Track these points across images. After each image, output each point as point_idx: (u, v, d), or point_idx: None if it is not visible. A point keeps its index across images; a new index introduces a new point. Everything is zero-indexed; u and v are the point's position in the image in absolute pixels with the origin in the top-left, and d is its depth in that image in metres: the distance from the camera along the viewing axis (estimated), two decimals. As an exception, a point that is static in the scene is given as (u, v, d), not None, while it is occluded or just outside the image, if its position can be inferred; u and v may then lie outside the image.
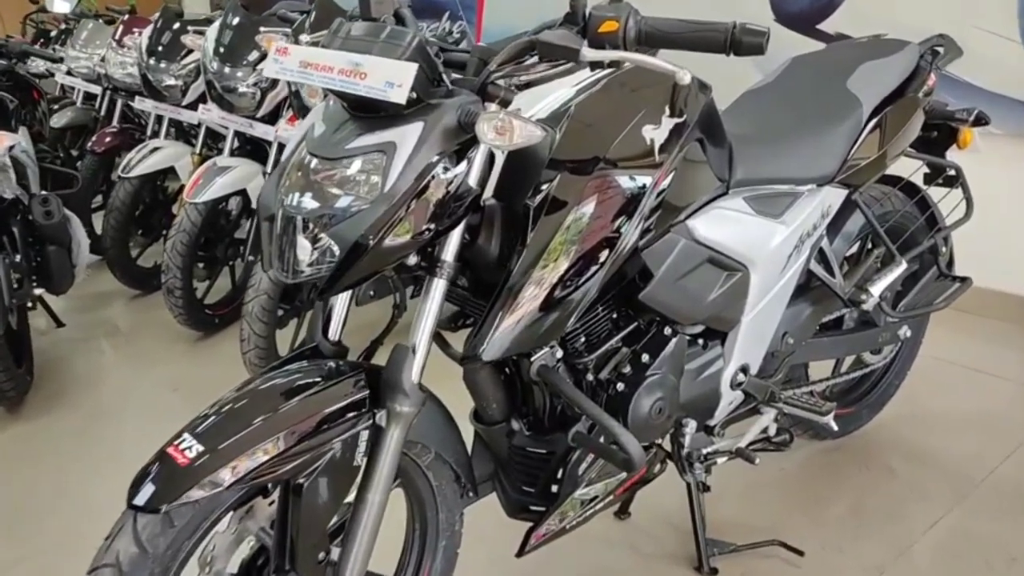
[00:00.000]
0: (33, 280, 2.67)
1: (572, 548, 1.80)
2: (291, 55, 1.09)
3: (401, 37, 1.03)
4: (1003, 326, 2.85)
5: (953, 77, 2.82)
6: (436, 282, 1.13)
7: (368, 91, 0.99)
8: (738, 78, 1.96)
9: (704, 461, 1.61)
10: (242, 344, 2.36)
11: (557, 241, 1.14)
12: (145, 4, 4.57)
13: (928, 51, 1.86)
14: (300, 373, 1.16)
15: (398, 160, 1.02)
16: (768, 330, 1.59)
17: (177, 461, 1.02)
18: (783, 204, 1.54)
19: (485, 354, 1.15)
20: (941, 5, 2.79)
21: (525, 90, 1.22)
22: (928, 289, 1.94)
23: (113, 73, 3.77)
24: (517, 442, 1.44)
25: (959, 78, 2.82)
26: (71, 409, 2.66)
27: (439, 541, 1.42)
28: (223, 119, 2.98)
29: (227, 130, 3.01)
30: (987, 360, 2.63)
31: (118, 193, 3.30)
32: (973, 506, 1.92)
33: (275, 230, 1.08)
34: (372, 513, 1.14)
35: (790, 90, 1.74)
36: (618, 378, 1.40)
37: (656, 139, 1.20)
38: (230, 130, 2.98)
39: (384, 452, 1.13)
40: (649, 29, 1.03)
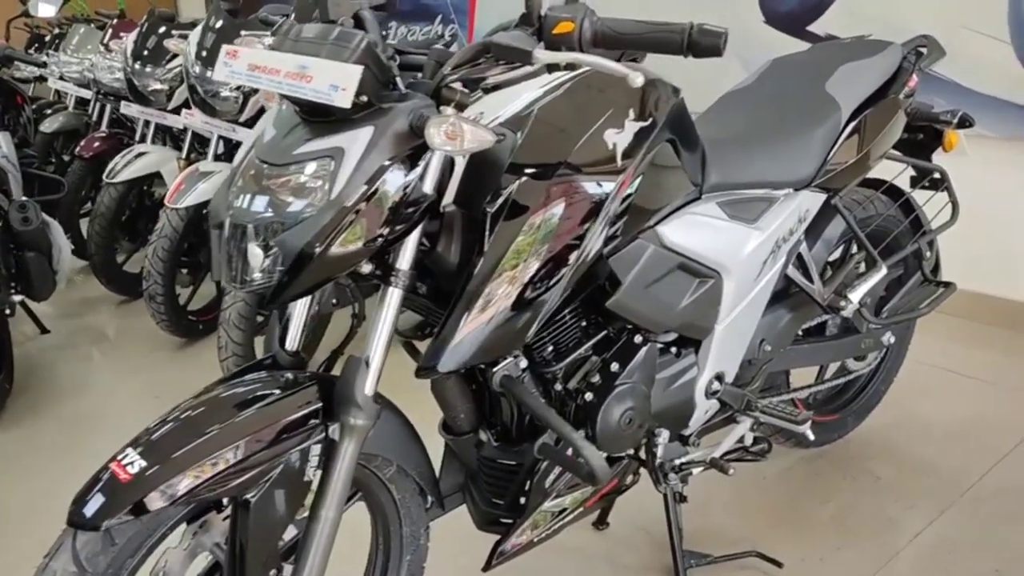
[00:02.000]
0: (12, 287, 2.64)
1: (548, 559, 1.76)
2: (240, 58, 1.06)
3: (349, 39, 0.99)
4: (992, 330, 2.81)
5: (943, 78, 2.80)
6: (391, 291, 1.09)
7: (314, 94, 0.96)
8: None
9: (679, 471, 1.57)
10: (220, 351, 2.33)
11: (516, 248, 1.11)
12: (138, 8, 4.54)
13: (912, 52, 1.83)
14: (252, 385, 1.13)
15: (346, 166, 0.99)
16: (744, 337, 1.56)
17: (119, 477, 0.99)
18: (758, 209, 1.50)
19: (442, 365, 1.11)
20: (932, 6, 2.76)
21: (493, 92, 1.20)
22: (912, 294, 1.90)
23: (101, 78, 3.75)
24: (486, 453, 1.41)
25: (949, 79, 2.79)
26: (51, 416, 2.64)
27: (404, 555, 1.39)
28: (206, 123, 2.96)
29: (212, 135, 2.99)
30: (975, 365, 2.59)
31: (103, 199, 3.27)
32: (958, 515, 1.89)
33: (224, 237, 1.05)
34: (326, 530, 1.10)
35: (769, 92, 1.71)
36: (587, 388, 1.37)
37: (619, 144, 1.17)
38: (214, 135, 2.96)
39: (337, 466, 1.10)
40: (605, 30, 1.00)
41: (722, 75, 2.77)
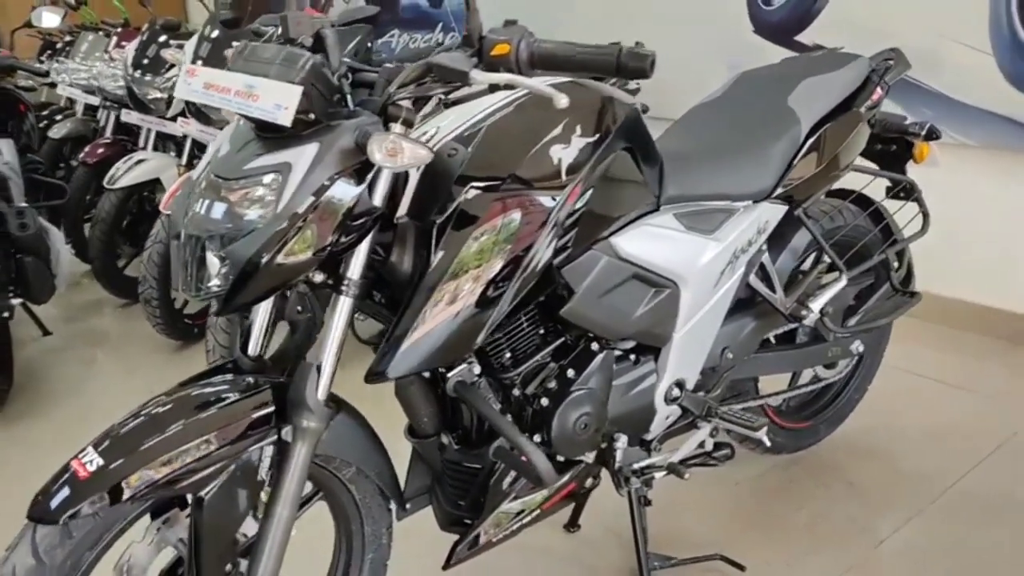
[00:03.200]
0: (11, 290, 2.71)
1: (516, 560, 1.81)
2: (197, 76, 1.11)
3: (295, 60, 1.04)
4: (971, 337, 2.84)
5: (929, 88, 2.82)
6: (341, 299, 1.14)
7: (259, 113, 1.01)
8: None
9: (641, 475, 1.61)
10: (208, 355, 2.39)
11: (462, 258, 1.15)
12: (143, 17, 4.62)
13: (880, 64, 1.86)
14: (211, 387, 1.18)
15: (292, 180, 1.03)
16: (703, 345, 1.59)
17: (78, 474, 1.04)
18: (717, 220, 1.54)
19: (391, 371, 1.16)
20: (918, 17, 2.78)
21: (454, 107, 1.25)
22: (880, 304, 1.93)
23: (105, 85, 3.84)
24: (448, 456, 1.45)
25: (935, 90, 2.81)
26: (49, 416, 2.70)
27: (366, 554, 1.43)
28: (202, 131, 3.02)
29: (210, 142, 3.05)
30: (951, 371, 2.62)
31: (104, 204, 3.34)
32: (927, 522, 1.91)
33: (181, 247, 1.10)
34: (280, 528, 1.15)
35: (733, 106, 1.74)
36: (543, 393, 1.41)
37: (564, 159, 1.21)
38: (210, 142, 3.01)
39: (290, 467, 1.14)
40: (541, 52, 1.04)
41: (716, 84, 2.81)
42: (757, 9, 3.27)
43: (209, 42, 2.96)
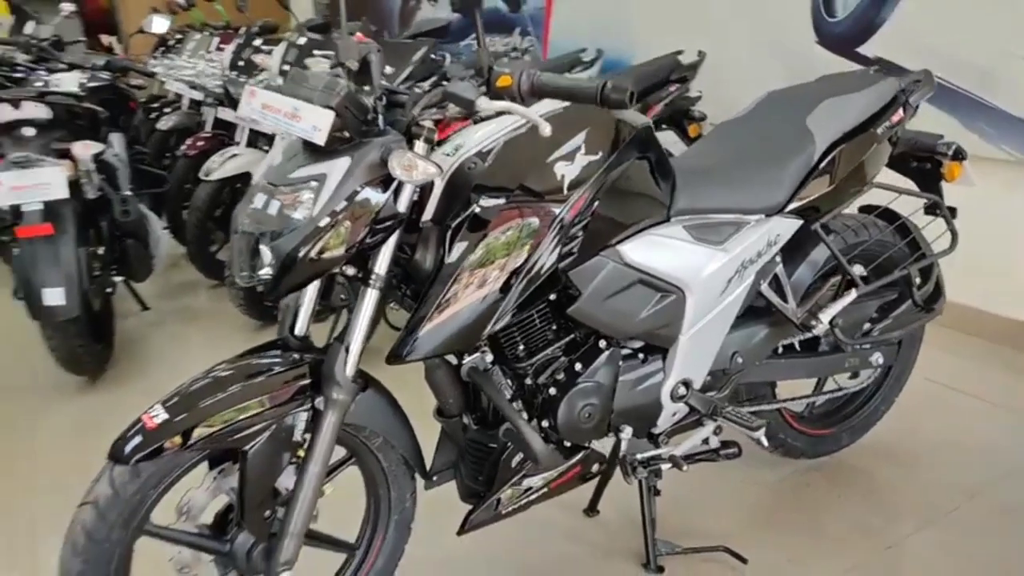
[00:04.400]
0: (114, 269, 3.05)
1: (536, 537, 1.97)
2: (256, 98, 1.32)
3: (333, 87, 1.23)
4: (1004, 351, 2.82)
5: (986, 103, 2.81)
6: (369, 291, 1.33)
7: (301, 132, 1.21)
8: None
9: (647, 466, 1.74)
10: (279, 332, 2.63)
11: (473, 259, 1.32)
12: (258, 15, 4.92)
13: (909, 85, 1.92)
14: (260, 360, 1.39)
15: (327, 188, 1.22)
16: (710, 348, 1.71)
17: (147, 426, 1.27)
18: (726, 232, 1.65)
19: (407, 355, 1.34)
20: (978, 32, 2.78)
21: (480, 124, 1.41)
22: (901, 318, 1.99)
23: (205, 84, 4.18)
24: (469, 435, 1.62)
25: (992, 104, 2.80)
26: (142, 380, 3.02)
27: (391, 515, 1.62)
28: (287, 130, 3.29)
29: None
30: (979, 384, 2.62)
31: (199, 194, 3.67)
32: (935, 533, 1.96)
33: (239, 240, 1.31)
34: (311, 483, 1.35)
35: (756, 124, 1.84)
36: (552, 383, 1.57)
37: (567, 175, 1.36)
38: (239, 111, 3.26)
39: (321, 432, 1.34)
40: (538, 83, 1.19)
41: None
42: (821, 20, 3.31)
43: (296, 48, 3.22)
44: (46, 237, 2.57)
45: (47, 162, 2.54)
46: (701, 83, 3.46)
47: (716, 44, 3.68)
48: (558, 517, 2.03)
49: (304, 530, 1.38)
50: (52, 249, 2.59)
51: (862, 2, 3.13)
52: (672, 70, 3.35)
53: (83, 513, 1.28)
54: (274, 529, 1.41)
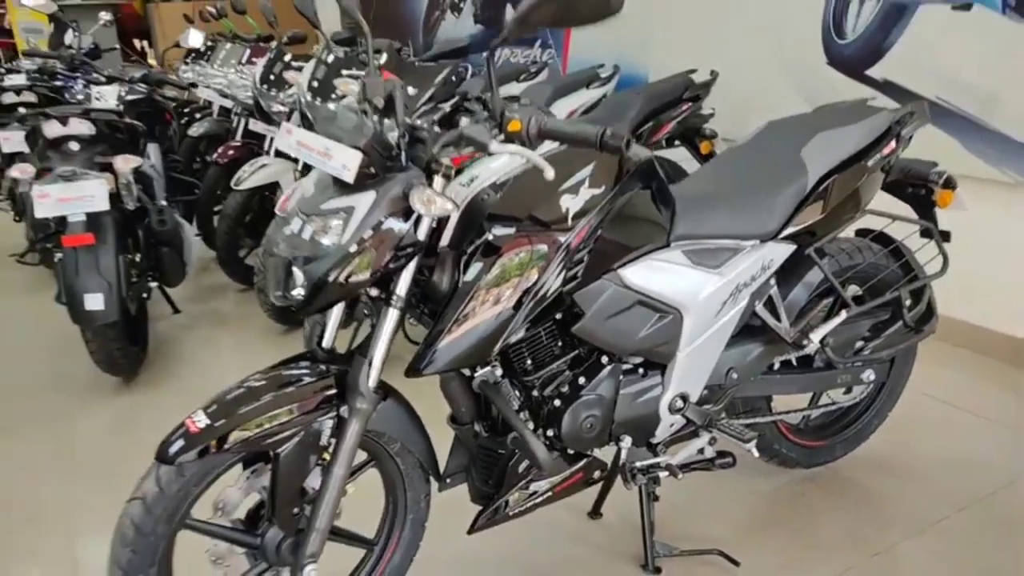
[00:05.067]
0: (149, 275, 3.22)
1: (542, 537, 2.10)
2: (293, 135, 1.46)
3: (361, 128, 1.37)
4: (1000, 367, 2.91)
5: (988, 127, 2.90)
6: (390, 311, 1.46)
7: (332, 170, 1.35)
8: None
9: (646, 473, 1.86)
10: (305, 341, 2.79)
11: (486, 281, 1.45)
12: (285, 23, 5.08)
13: (903, 117, 2.02)
14: (291, 371, 1.53)
15: (355, 219, 1.36)
16: (706, 364, 1.83)
17: (190, 429, 1.41)
18: (722, 257, 1.77)
19: (426, 369, 1.47)
20: (980, 58, 2.87)
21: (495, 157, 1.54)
22: (892, 338, 2.09)
23: (237, 94, 4.35)
24: (480, 442, 1.76)
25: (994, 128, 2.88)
26: (174, 381, 3.18)
27: (408, 514, 1.76)
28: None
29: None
30: (973, 399, 2.72)
31: (230, 202, 3.83)
32: (925, 541, 2.06)
33: (274, 263, 1.45)
34: (336, 483, 1.49)
35: (754, 154, 1.95)
36: (557, 395, 1.69)
37: (572, 207, 1.49)
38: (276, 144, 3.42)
39: (345, 437, 1.47)
40: (544, 128, 1.32)
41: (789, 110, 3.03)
42: (831, 42, 3.40)
43: (325, 65, 3.37)
44: (88, 246, 2.74)
45: (91, 175, 2.71)
46: (713, 101, 3.58)
47: (729, 64, 3.80)
48: (564, 519, 2.16)
49: (329, 526, 1.51)
50: (93, 257, 2.76)
51: (871, 25, 3.23)
52: (685, 88, 3.47)
53: (132, 508, 1.43)
54: (301, 525, 1.55)
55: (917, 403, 2.68)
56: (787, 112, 3.44)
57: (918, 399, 2.71)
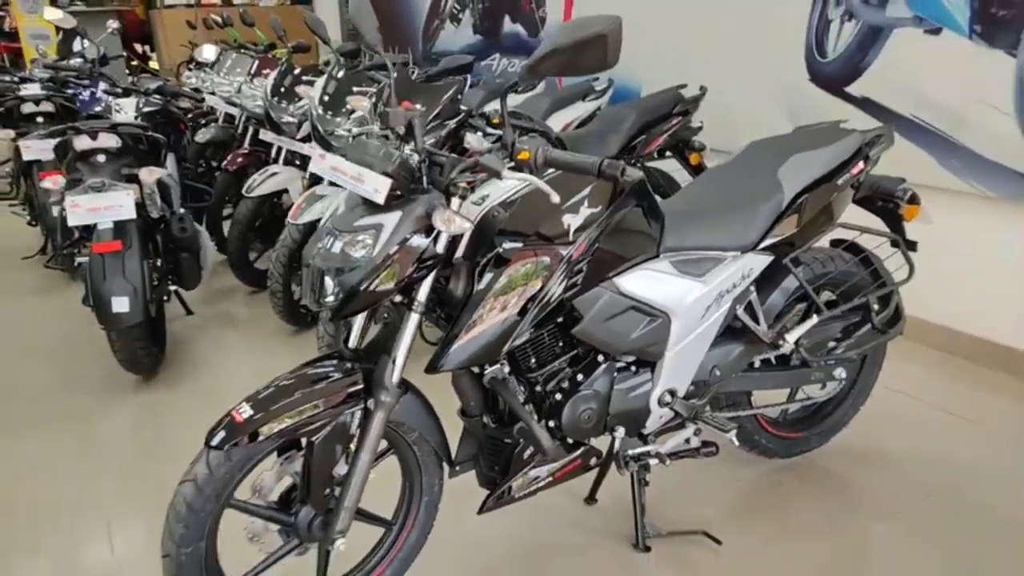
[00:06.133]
0: (169, 279, 3.40)
1: (542, 520, 2.30)
2: (327, 160, 1.65)
3: (390, 156, 1.56)
4: (966, 365, 3.13)
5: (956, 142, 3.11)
6: (411, 315, 1.65)
7: (364, 192, 1.54)
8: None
9: (637, 461, 2.06)
10: (318, 340, 2.97)
11: (497, 289, 1.64)
12: (291, 32, 5.24)
13: (871, 138, 2.23)
14: (323, 368, 1.72)
15: (383, 235, 1.55)
16: (692, 363, 2.03)
17: (236, 419, 1.59)
18: (707, 266, 1.97)
19: (442, 366, 1.66)
20: (950, 79, 3.08)
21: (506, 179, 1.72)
22: (861, 339, 2.29)
23: (245, 104, 4.54)
24: (487, 432, 1.95)
25: (961, 143, 3.09)
26: (191, 381, 3.37)
27: (423, 497, 1.95)
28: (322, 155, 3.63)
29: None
30: (942, 395, 2.94)
31: (241, 209, 4.02)
32: (896, 526, 2.27)
33: (309, 273, 1.64)
34: (362, 468, 1.68)
35: (736, 173, 2.15)
36: (558, 390, 1.89)
37: (573, 224, 1.68)
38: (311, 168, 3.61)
39: (371, 427, 1.67)
40: (550, 158, 1.51)
41: (773, 124, 3.23)
42: (813, 60, 3.61)
43: (335, 80, 3.56)
44: (115, 252, 2.92)
45: (119, 187, 2.89)
46: (702, 115, 3.79)
47: (717, 80, 4.01)
48: (562, 504, 2.36)
49: (356, 506, 1.71)
50: (119, 263, 2.94)
51: (850, 46, 3.44)
52: (676, 103, 3.67)
53: (184, 488, 1.61)
54: (330, 505, 1.74)
55: (888, 399, 2.89)
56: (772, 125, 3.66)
57: (889, 395, 2.92)
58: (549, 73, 1.43)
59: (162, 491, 2.52)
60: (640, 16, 4.45)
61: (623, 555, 2.15)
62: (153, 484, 2.59)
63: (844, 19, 3.45)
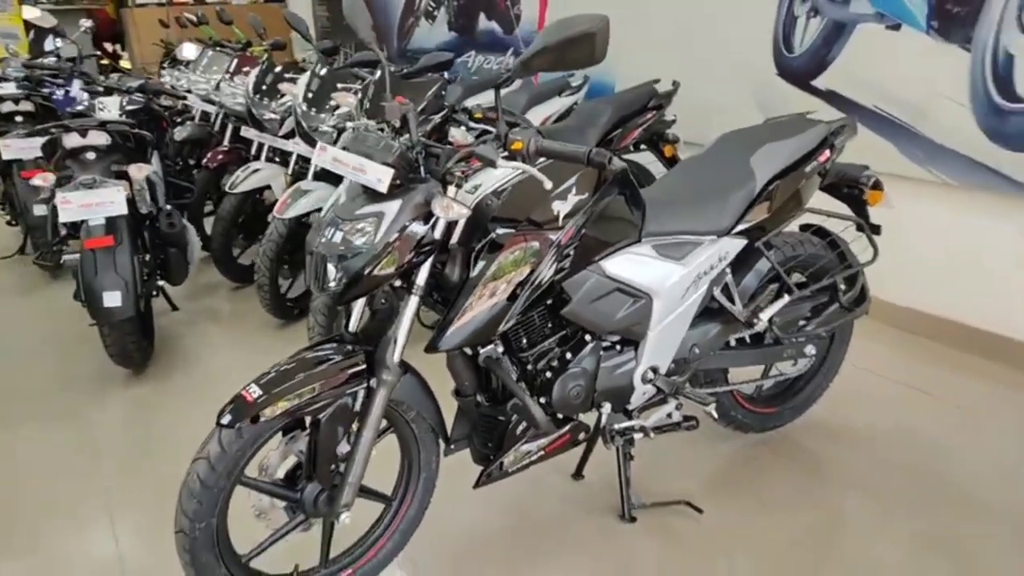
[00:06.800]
0: (157, 274, 3.45)
1: (533, 496, 2.41)
2: (328, 152, 1.74)
3: (390, 148, 1.66)
4: (930, 344, 3.30)
5: (918, 133, 3.27)
6: (410, 298, 1.75)
7: (366, 181, 1.63)
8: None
9: (623, 435, 2.18)
10: (309, 331, 3.05)
11: (490, 273, 1.74)
12: (269, 28, 5.29)
13: (836, 128, 2.36)
14: (326, 351, 1.81)
15: (385, 223, 1.64)
16: (673, 341, 2.15)
17: (246, 399, 1.68)
18: (685, 250, 2.09)
19: (441, 346, 1.76)
20: (911, 73, 3.24)
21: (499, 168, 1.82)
22: (830, 317, 2.43)
23: (225, 102, 4.58)
24: (481, 410, 2.05)
25: (923, 134, 3.25)
26: (181, 374, 3.42)
27: (421, 474, 2.05)
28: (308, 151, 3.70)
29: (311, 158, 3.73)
30: (908, 373, 3.10)
31: (224, 205, 4.07)
32: (863, 496, 2.41)
33: (313, 259, 1.73)
34: (366, 444, 1.77)
35: (710, 162, 2.27)
36: (548, 368, 2.00)
37: (562, 210, 1.79)
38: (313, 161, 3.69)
39: (373, 404, 1.76)
40: (541, 148, 1.62)
41: (743, 117, 3.36)
42: (781, 55, 3.76)
43: (319, 78, 3.64)
44: (107, 248, 2.97)
45: (110, 183, 2.94)
46: (676, 109, 3.92)
47: (689, 74, 4.14)
48: (552, 480, 2.47)
49: (359, 481, 1.80)
50: (111, 258, 2.99)
51: (815, 41, 3.58)
52: (650, 97, 3.80)
53: (198, 466, 1.70)
54: (335, 481, 1.83)
55: (856, 377, 3.04)
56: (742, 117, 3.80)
57: (857, 373, 3.07)
58: (541, 68, 1.54)
59: (161, 483, 2.59)
60: (615, 14, 4.57)
61: (610, 526, 2.27)
62: (152, 477, 2.66)
63: (810, 15, 3.60)
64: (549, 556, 2.18)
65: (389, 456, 2.06)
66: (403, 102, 1.85)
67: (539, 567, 2.14)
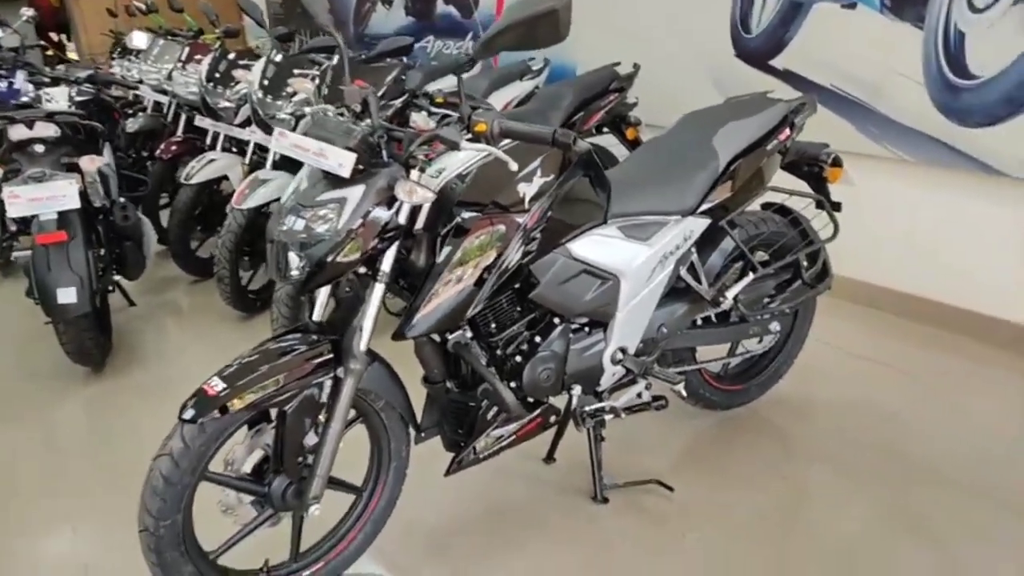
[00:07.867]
0: (113, 268, 3.36)
1: (505, 481, 2.40)
2: (288, 138, 1.70)
3: (351, 132, 1.62)
4: (891, 319, 3.38)
5: (874, 110, 3.31)
6: (376, 285, 1.72)
7: (327, 167, 1.60)
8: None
9: (593, 417, 2.18)
10: (272, 323, 3.00)
11: (457, 258, 1.72)
12: (222, 15, 5.17)
13: (796, 107, 2.38)
14: (290, 342, 1.77)
15: (347, 209, 1.61)
16: (641, 322, 2.15)
17: (208, 393, 1.63)
18: (651, 231, 2.09)
19: (409, 333, 1.74)
20: (866, 51, 3.27)
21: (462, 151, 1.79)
22: (793, 293, 2.46)
23: (178, 91, 4.47)
24: (451, 397, 2.03)
25: (879, 111, 3.30)
26: (139, 370, 3.35)
27: (391, 463, 2.03)
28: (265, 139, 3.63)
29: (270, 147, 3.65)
30: (871, 348, 3.16)
31: (181, 197, 3.98)
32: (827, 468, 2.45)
33: (274, 248, 1.69)
34: (333, 435, 1.74)
35: (673, 143, 2.27)
36: (518, 352, 1.99)
37: (528, 192, 1.77)
38: (271, 148, 3.62)
39: (341, 394, 1.73)
40: (505, 129, 1.59)
41: (703, 98, 3.35)
42: (739, 36, 3.77)
43: (274, 65, 3.56)
44: (59, 243, 2.88)
45: (60, 176, 2.85)
46: (637, 91, 3.91)
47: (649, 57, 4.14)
48: (523, 465, 2.47)
49: (328, 472, 1.77)
50: (64, 253, 2.91)
51: (772, 21, 3.61)
52: (611, 80, 3.79)
53: (160, 462, 1.65)
54: (303, 473, 1.80)
55: (820, 352, 3.08)
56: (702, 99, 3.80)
57: (821, 348, 3.11)
58: (505, 48, 1.51)
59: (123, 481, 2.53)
60: (572, -4, 4.55)
61: (583, 508, 2.28)
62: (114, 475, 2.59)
63: (766, -5, 3.62)
64: (523, 541, 2.18)
65: (358, 446, 2.04)
66: (363, 86, 1.82)
67: (513, 552, 2.14)
